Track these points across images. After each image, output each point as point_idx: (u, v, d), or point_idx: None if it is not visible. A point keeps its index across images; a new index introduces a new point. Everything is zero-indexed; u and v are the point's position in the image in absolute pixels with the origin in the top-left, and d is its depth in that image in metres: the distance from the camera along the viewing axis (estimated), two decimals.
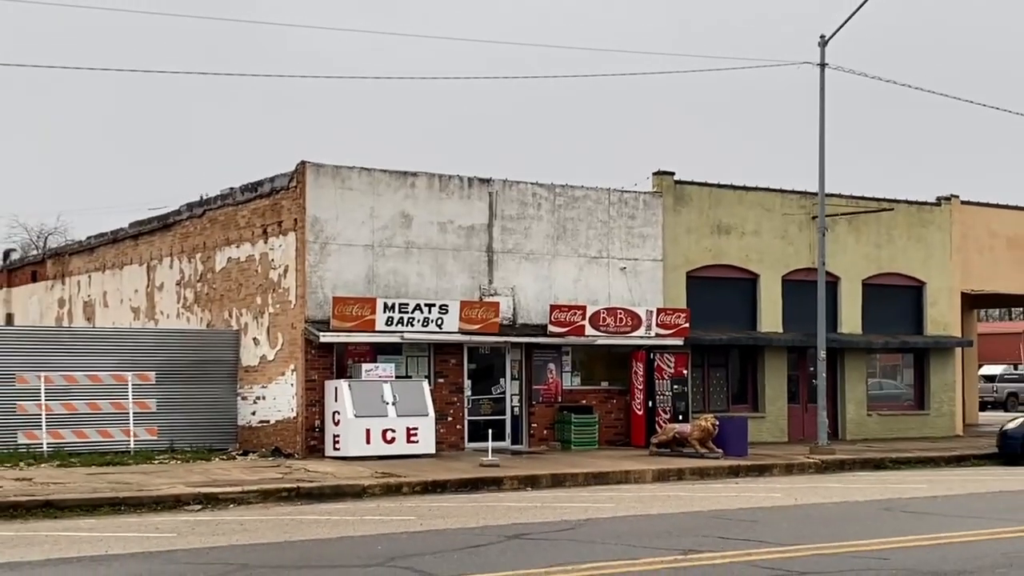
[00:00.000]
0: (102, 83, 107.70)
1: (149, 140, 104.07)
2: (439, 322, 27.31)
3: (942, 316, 36.55)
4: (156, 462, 24.93)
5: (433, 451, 26.28)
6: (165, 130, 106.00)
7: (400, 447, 25.78)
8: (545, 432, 29.43)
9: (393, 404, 26.05)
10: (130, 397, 27.08)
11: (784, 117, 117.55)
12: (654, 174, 32.17)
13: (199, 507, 18.95)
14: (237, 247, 29.52)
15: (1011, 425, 30.17)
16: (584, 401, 30.01)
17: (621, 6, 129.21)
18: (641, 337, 30.08)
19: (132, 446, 26.62)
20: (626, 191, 31.41)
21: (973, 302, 41.57)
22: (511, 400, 29.35)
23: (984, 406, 51.12)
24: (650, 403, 30.21)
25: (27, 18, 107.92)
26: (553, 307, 29.05)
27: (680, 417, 29.71)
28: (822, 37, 29.48)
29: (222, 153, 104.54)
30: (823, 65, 29.49)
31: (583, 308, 29.39)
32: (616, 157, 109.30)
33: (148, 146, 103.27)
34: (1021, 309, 67.54)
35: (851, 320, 34.69)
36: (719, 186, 32.97)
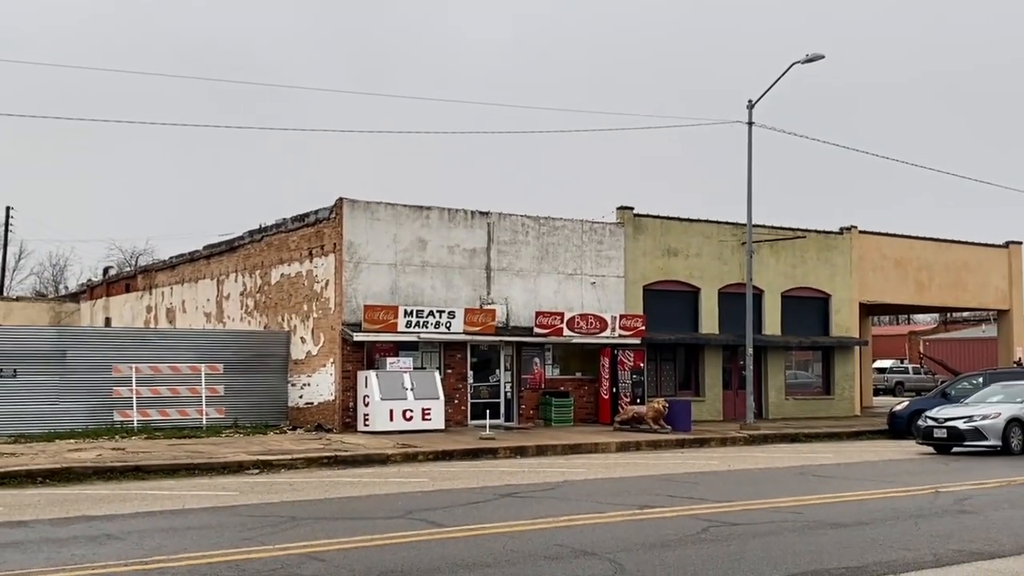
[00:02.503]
0: (181, 135, 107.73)
1: (217, 180, 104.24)
2: (448, 325, 27.32)
3: (844, 321, 36.64)
4: (223, 435, 24.89)
5: (443, 427, 26.26)
6: (229, 172, 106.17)
7: (416, 424, 25.76)
8: (531, 412, 29.41)
9: (411, 390, 26.04)
10: (203, 384, 27.05)
11: (722, 161, 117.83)
12: (617, 208, 32.25)
13: (257, 471, 18.93)
14: (288, 265, 29.52)
15: (898, 408, 30.25)
16: (562, 388, 30.00)
17: (599, 72, 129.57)
18: (607, 337, 30.11)
19: (204, 423, 26.58)
20: (595, 222, 31.47)
21: (868, 310, 41.73)
22: (504, 387, 29.34)
23: (877, 392, 51.23)
24: (614, 389, 30.23)
25: (119, 85, 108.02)
26: (538, 313, 29.08)
27: (638, 400, 29.74)
28: (749, 101, 29.57)
29: (271, 189, 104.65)
30: (750, 124, 29.59)
31: (562, 314, 29.42)
32: (588, 194, 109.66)
33: (216, 185, 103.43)
34: (906, 316, 67.70)
35: (772, 324, 34.75)
36: (669, 218, 33.06)
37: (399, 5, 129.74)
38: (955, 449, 23.26)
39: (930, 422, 23.56)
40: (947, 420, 23.21)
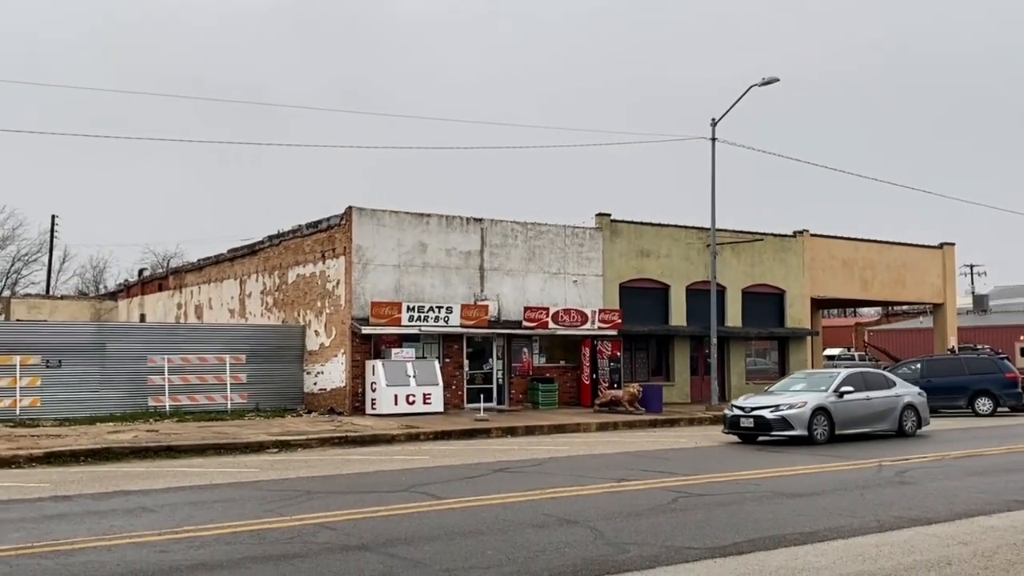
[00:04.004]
0: (207, 152, 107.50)
1: (239, 191, 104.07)
2: (446, 319, 27.29)
3: (797, 314, 36.73)
4: (246, 418, 24.84)
5: (442, 410, 26.24)
6: (249, 184, 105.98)
7: (418, 407, 25.74)
8: (520, 396, 29.41)
9: (414, 377, 26.01)
10: (228, 372, 27.00)
11: (690, 171, 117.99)
12: (596, 215, 32.27)
13: (276, 450, 18.88)
14: (304, 266, 29.45)
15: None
16: (548, 374, 30.01)
17: (578, 91, 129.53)
18: (588, 329, 30.11)
19: (229, 407, 26.53)
20: (577, 227, 31.48)
21: (819, 304, 41.81)
22: (497, 373, 29.32)
23: None
24: (594, 375, 30.24)
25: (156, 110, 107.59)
26: (526, 308, 29.07)
27: (615, 385, 29.76)
28: (712, 119, 29.59)
29: (288, 199, 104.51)
30: (713, 139, 29.63)
31: (547, 309, 29.42)
32: (571, 201, 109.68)
33: (239, 196, 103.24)
34: (852, 309, 67.93)
35: (734, 317, 34.82)
36: (642, 223, 33.09)
37: (384, 47, 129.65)
38: (761, 438, 20.17)
39: (736, 411, 20.25)
40: (754, 409, 19.87)
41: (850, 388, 20.51)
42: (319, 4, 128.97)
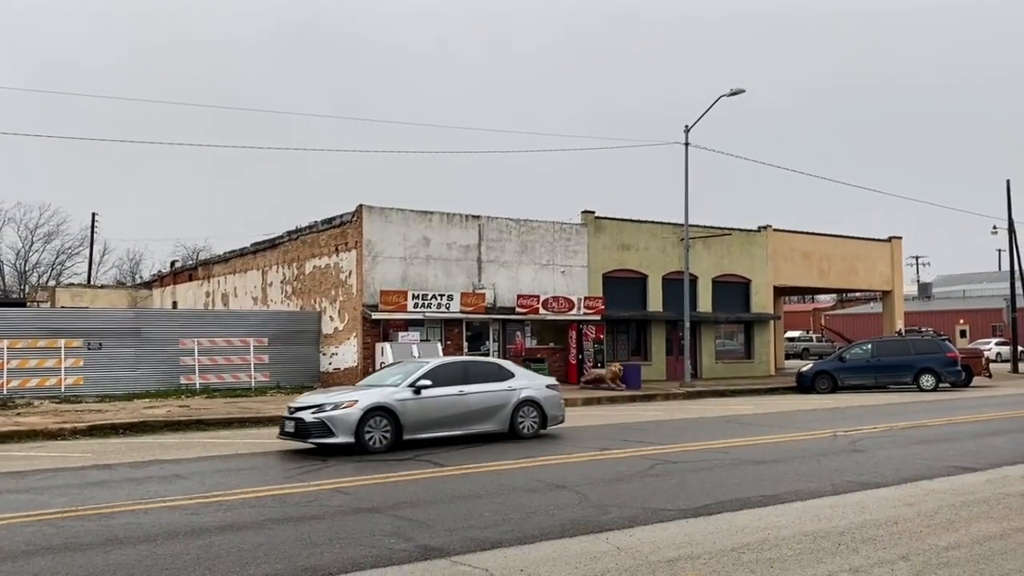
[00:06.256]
0: (231, 157, 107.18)
1: (261, 192, 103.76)
2: (447, 306, 27.28)
3: (762, 301, 36.80)
4: (268, 395, 24.84)
5: None
6: (271, 186, 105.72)
7: None
8: None
9: (418, 358, 25.96)
10: (252, 353, 26.96)
11: (667, 173, 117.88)
12: (582, 212, 32.25)
13: None
14: (319, 259, 29.40)
15: (804, 369, 30.36)
16: (539, 355, 30.04)
17: (566, 102, 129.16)
18: (574, 315, 30.14)
19: (253, 385, 26.51)
20: (564, 223, 31.46)
21: (780, 292, 41.90)
22: (493, 354, 29.32)
23: (788, 356, 51.59)
24: (580, 356, 30.28)
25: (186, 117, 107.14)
26: (519, 296, 29.08)
27: (599, 365, 29.81)
28: (686, 126, 29.52)
29: (305, 198, 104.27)
30: (687, 144, 29.57)
31: (538, 296, 29.43)
32: (559, 200, 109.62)
33: (261, 195, 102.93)
34: (810, 296, 68.08)
35: (705, 303, 34.87)
36: (623, 220, 33.08)
37: (376, 70, 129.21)
38: (327, 443, 13.67)
39: (285, 412, 14.45)
40: (298, 410, 13.99)
41: (428, 382, 14.54)
42: (316, 32, 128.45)
